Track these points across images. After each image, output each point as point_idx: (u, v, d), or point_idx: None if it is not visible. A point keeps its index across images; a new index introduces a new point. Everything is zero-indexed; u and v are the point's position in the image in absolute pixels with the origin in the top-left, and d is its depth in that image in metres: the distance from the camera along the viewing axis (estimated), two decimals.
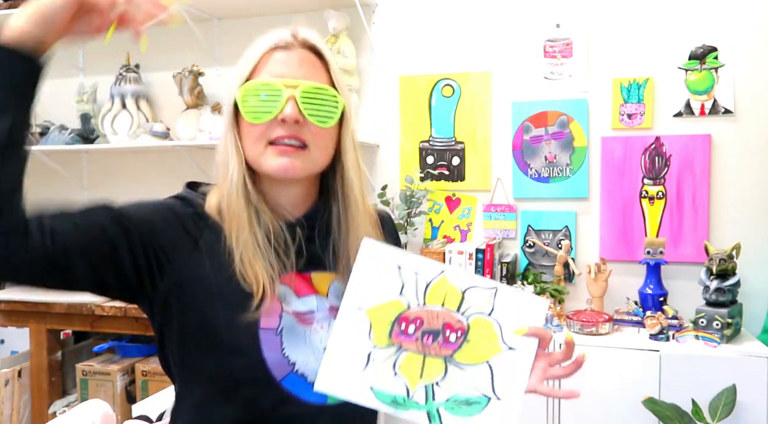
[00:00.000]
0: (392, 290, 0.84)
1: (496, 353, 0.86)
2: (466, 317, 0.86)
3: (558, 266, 2.42)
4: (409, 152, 2.68)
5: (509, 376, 0.86)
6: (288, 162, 0.90)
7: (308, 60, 0.94)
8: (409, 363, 0.84)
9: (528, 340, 0.87)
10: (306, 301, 0.93)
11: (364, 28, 2.65)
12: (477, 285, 0.86)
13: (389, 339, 0.84)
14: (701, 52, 2.35)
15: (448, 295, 0.85)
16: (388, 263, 0.85)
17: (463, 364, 0.85)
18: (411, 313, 0.84)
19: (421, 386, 0.84)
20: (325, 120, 0.92)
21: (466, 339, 0.85)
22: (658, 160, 2.40)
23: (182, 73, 2.76)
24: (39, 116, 3.07)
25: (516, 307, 0.86)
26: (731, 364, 1.97)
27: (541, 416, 2.14)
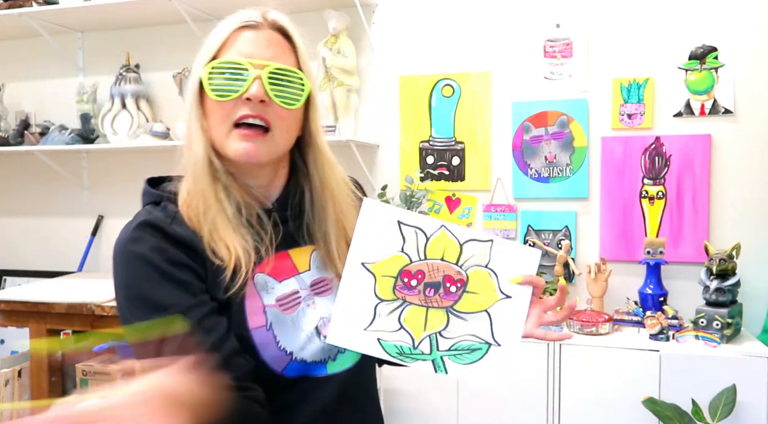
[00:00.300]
0: (394, 245, 0.88)
1: (494, 302, 0.90)
2: (465, 269, 0.89)
3: (558, 266, 2.42)
4: (409, 152, 2.68)
5: (507, 323, 0.90)
6: (250, 146, 0.89)
7: (276, 41, 0.93)
8: (413, 316, 0.88)
9: (523, 288, 0.91)
10: (287, 284, 0.94)
11: (364, 28, 2.65)
12: (474, 238, 0.90)
13: (393, 293, 0.87)
14: (701, 52, 2.35)
15: (447, 248, 0.89)
16: (389, 221, 0.88)
17: (463, 313, 0.89)
18: (413, 267, 0.88)
19: (425, 336, 0.88)
20: (291, 102, 0.92)
21: (465, 290, 0.89)
22: (658, 160, 2.40)
23: (182, 73, 2.76)
24: (39, 116, 3.07)
25: (511, 257, 0.90)
26: (731, 364, 1.97)
27: (541, 416, 2.14)
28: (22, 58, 3.17)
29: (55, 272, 3.09)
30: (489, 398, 2.18)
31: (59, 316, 2.49)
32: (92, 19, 2.87)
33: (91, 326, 2.50)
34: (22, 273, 3.18)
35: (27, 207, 3.22)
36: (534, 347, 2.15)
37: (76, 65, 3.08)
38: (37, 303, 2.49)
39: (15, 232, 3.25)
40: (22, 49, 3.17)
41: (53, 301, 2.47)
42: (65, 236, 3.14)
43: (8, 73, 3.19)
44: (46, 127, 2.96)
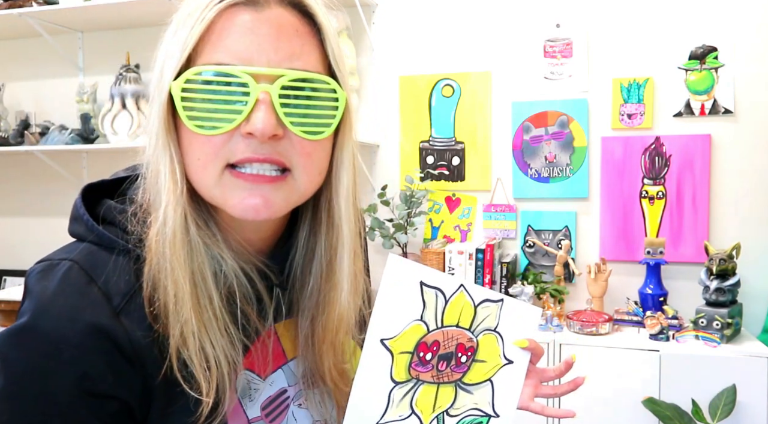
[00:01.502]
0: (414, 313, 0.76)
1: (498, 369, 0.83)
2: (477, 335, 0.81)
3: (558, 266, 2.42)
4: (409, 152, 2.68)
5: (506, 391, 0.83)
6: (260, 202, 0.59)
7: (290, 27, 0.59)
8: (424, 396, 0.79)
9: (523, 353, 0.83)
10: (273, 381, 0.70)
11: (364, 28, 2.65)
12: (488, 298, 0.81)
13: (408, 373, 0.77)
14: (701, 52, 2.35)
15: (463, 312, 0.79)
16: (412, 281, 0.75)
17: (470, 385, 0.82)
18: (429, 337, 0.77)
19: (433, 418, 0.81)
20: (319, 131, 0.61)
21: (474, 359, 0.81)
22: (658, 160, 2.40)
23: None
24: (39, 116, 3.07)
25: (516, 318, 0.83)
26: (731, 364, 1.97)
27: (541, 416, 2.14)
28: (22, 58, 3.17)
29: None
30: None
31: None
32: (92, 19, 2.87)
33: None
34: (22, 273, 3.18)
35: (27, 207, 3.22)
36: None
37: (76, 65, 3.08)
38: None
39: (15, 232, 3.25)
40: (22, 49, 3.17)
41: None
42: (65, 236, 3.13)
43: (8, 73, 3.19)
44: (46, 127, 2.96)
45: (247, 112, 0.57)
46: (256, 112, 0.57)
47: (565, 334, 2.19)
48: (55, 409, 0.53)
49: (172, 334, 0.58)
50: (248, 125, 0.57)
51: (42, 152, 2.92)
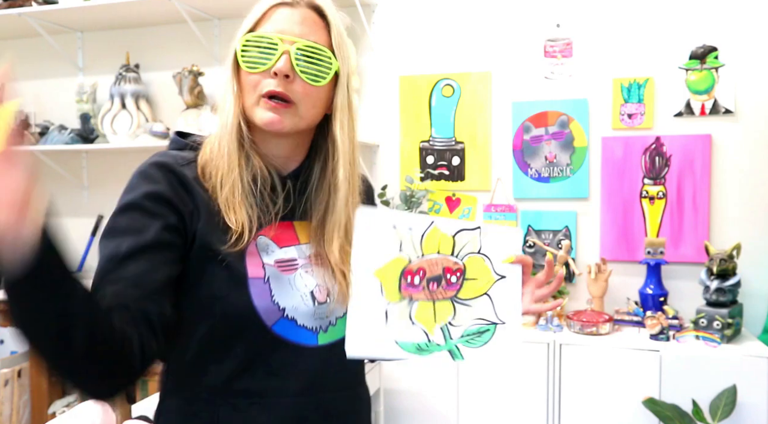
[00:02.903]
0: (392, 248, 0.91)
1: (492, 284, 0.96)
2: (461, 258, 0.95)
3: (558, 265, 2.42)
4: (409, 152, 2.68)
5: (506, 301, 0.96)
6: (275, 117, 0.93)
7: (311, 19, 0.97)
8: (422, 311, 0.92)
9: (513, 267, 0.98)
10: (287, 251, 0.97)
11: (364, 28, 2.65)
12: (463, 228, 0.95)
13: (400, 293, 0.91)
14: (701, 52, 2.35)
15: (441, 242, 0.94)
16: (384, 225, 0.92)
17: (467, 300, 0.95)
18: (413, 265, 0.92)
19: (437, 329, 0.92)
20: (317, 79, 0.94)
21: (465, 277, 0.95)
22: (659, 160, 2.40)
23: (182, 73, 2.75)
24: (39, 116, 3.07)
25: (499, 240, 0.97)
26: (731, 364, 1.97)
27: (541, 416, 2.14)
28: (22, 58, 3.17)
29: None
30: (489, 397, 2.18)
31: None
32: (92, 19, 2.87)
33: None
34: None
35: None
36: (534, 347, 2.15)
37: (76, 65, 3.08)
38: None
39: None
40: (22, 49, 3.16)
41: None
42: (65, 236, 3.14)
43: None
44: (46, 127, 2.96)
45: (275, 59, 0.92)
46: (279, 60, 0.92)
47: (565, 334, 2.19)
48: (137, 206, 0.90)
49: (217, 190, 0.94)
50: (274, 67, 0.92)
51: (42, 152, 2.92)
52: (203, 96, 2.79)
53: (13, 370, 2.60)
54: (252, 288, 0.91)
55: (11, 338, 3.11)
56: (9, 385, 2.59)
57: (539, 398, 2.14)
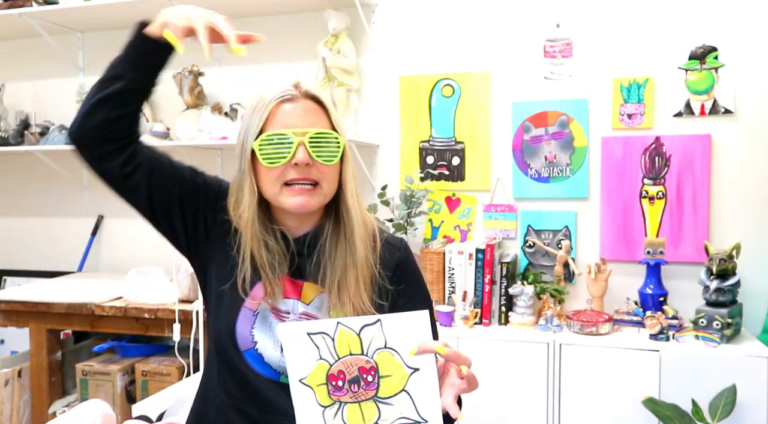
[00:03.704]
0: (313, 356, 0.94)
1: (407, 378, 0.93)
2: (371, 356, 0.94)
3: (558, 266, 2.42)
4: (409, 152, 2.68)
5: (425, 397, 0.93)
6: (304, 200, 1.06)
7: (312, 109, 1.09)
8: (351, 413, 0.94)
9: (425, 357, 0.92)
10: (287, 302, 1.12)
11: (364, 28, 2.65)
12: (365, 323, 0.94)
13: (329, 398, 0.94)
14: (701, 52, 2.35)
15: (350, 342, 0.94)
16: (301, 335, 0.94)
17: (387, 399, 0.94)
18: (334, 369, 0.94)
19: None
20: (331, 159, 1.08)
21: (379, 376, 0.94)
22: (658, 160, 2.40)
23: (182, 73, 2.76)
24: (39, 116, 3.07)
25: (402, 329, 0.93)
26: (731, 364, 1.97)
27: (541, 416, 2.14)
28: (22, 58, 3.17)
29: (55, 272, 3.09)
30: (489, 397, 2.18)
31: (59, 316, 2.49)
32: (92, 19, 2.87)
33: (90, 326, 2.50)
34: (22, 273, 3.18)
35: (27, 207, 3.22)
36: (534, 347, 2.15)
37: (76, 65, 3.08)
38: (37, 303, 2.50)
39: (15, 232, 3.25)
40: (22, 49, 3.17)
41: (53, 301, 2.48)
42: (65, 236, 3.14)
43: (8, 73, 3.19)
44: (46, 127, 2.96)
45: (293, 152, 1.05)
46: (297, 152, 1.05)
47: (565, 334, 2.19)
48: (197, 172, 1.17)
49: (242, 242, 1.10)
50: (294, 159, 1.05)
51: (42, 152, 2.92)
52: (203, 96, 2.79)
53: (13, 370, 2.60)
54: (241, 313, 1.10)
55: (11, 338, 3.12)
56: (9, 385, 2.59)
57: (539, 398, 2.14)
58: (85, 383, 2.55)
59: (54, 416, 2.48)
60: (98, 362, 2.58)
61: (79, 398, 2.56)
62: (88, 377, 2.55)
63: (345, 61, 2.56)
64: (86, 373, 2.55)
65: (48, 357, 2.57)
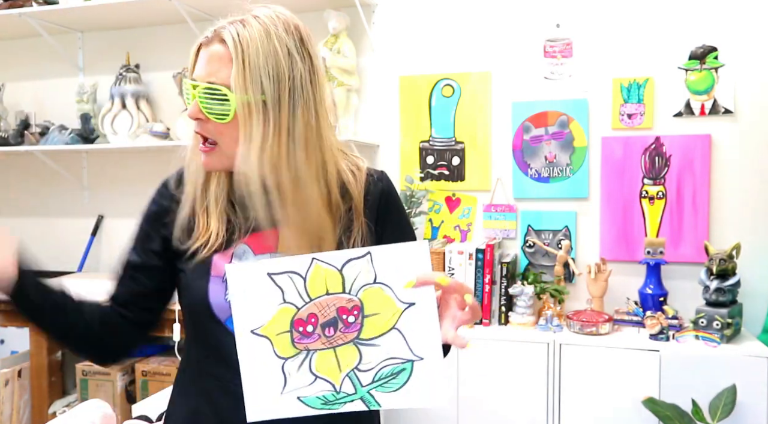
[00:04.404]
0: (273, 299, 0.83)
1: (399, 315, 0.83)
2: (356, 293, 0.83)
3: (558, 266, 2.42)
4: (409, 152, 2.68)
5: (421, 332, 0.83)
6: (205, 159, 0.99)
7: (217, 56, 0.95)
8: (322, 361, 0.84)
9: (423, 290, 0.83)
10: (260, 258, 1.01)
11: (364, 28, 2.65)
12: (350, 257, 0.83)
13: (294, 347, 0.83)
14: (701, 52, 2.35)
15: (328, 280, 0.83)
16: (258, 276, 0.83)
17: (372, 339, 0.84)
18: (302, 313, 0.83)
19: (344, 377, 0.84)
20: (221, 117, 0.95)
21: (363, 315, 0.83)
22: (658, 160, 2.40)
23: (182, 73, 2.76)
24: (39, 116, 3.07)
25: (397, 262, 0.83)
26: (731, 364, 1.97)
27: (541, 416, 2.14)
28: (22, 58, 3.17)
29: (55, 272, 3.09)
30: (489, 397, 2.18)
31: None
32: (92, 19, 2.87)
33: None
34: None
35: (27, 207, 3.22)
36: (534, 347, 2.15)
37: (76, 65, 3.08)
38: None
39: (15, 232, 3.23)
40: (22, 49, 3.17)
41: None
42: (65, 236, 3.14)
43: (8, 73, 3.19)
44: (46, 127, 2.96)
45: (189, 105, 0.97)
46: (191, 105, 0.97)
47: (565, 334, 2.19)
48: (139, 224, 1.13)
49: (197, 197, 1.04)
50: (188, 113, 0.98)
51: (42, 152, 2.92)
52: None
53: (13, 370, 2.60)
54: (211, 284, 0.99)
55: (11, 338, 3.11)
56: (9, 385, 2.59)
57: (539, 398, 2.14)
58: (85, 383, 2.55)
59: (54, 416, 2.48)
60: None
61: (79, 398, 2.56)
62: (88, 377, 2.55)
63: (345, 61, 2.57)
64: (86, 373, 2.55)
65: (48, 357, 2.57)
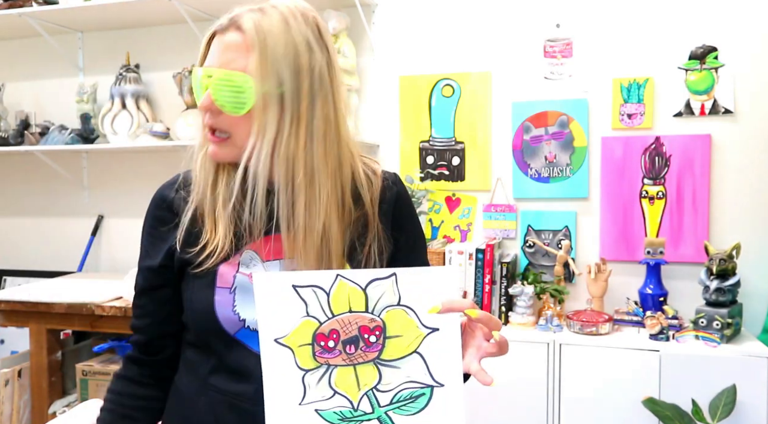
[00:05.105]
0: (298, 312, 0.82)
1: (421, 339, 0.83)
2: (378, 314, 0.83)
3: (558, 266, 2.42)
4: (409, 152, 2.68)
5: (442, 359, 0.83)
6: (216, 150, 0.95)
7: (234, 45, 0.90)
8: (342, 377, 0.83)
9: (447, 316, 0.82)
10: (268, 265, 0.96)
11: (364, 28, 2.65)
12: (375, 277, 0.82)
13: (315, 360, 0.82)
14: (701, 52, 2.35)
15: (351, 298, 0.82)
16: (283, 287, 0.82)
17: (393, 361, 0.83)
18: (325, 328, 0.82)
19: (362, 395, 0.83)
20: (237, 108, 0.90)
21: (386, 336, 0.83)
22: (658, 160, 2.40)
23: (182, 73, 2.75)
24: (39, 116, 3.07)
25: (422, 285, 0.82)
26: (731, 364, 1.97)
27: (541, 416, 2.14)
28: (22, 58, 3.17)
29: (55, 272, 3.09)
30: (489, 397, 2.18)
31: (59, 316, 2.49)
32: (92, 19, 2.87)
33: (91, 326, 2.50)
34: (22, 273, 3.18)
35: (27, 207, 3.22)
36: (534, 347, 2.15)
37: (76, 65, 3.08)
38: (37, 303, 2.49)
39: (15, 232, 3.25)
40: (22, 49, 3.17)
41: (53, 301, 2.47)
42: (65, 236, 3.14)
43: (8, 73, 3.19)
44: (46, 127, 2.96)
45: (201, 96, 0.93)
46: (204, 96, 0.92)
47: (565, 334, 2.20)
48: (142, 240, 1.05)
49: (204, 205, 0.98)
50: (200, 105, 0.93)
51: (42, 152, 2.92)
52: None
53: (13, 370, 2.60)
54: (216, 296, 0.94)
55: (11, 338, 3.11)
56: (9, 385, 2.59)
57: (539, 398, 2.14)
58: (85, 383, 2.55)
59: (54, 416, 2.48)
60: (98, 362, 2.58)
61: (79, 398, 2.56)
62: (88, 377, 2.55)
63: (345, 61, 2.56)
64: (86, 373, 2.55)
65: (48, 357, 2.56)
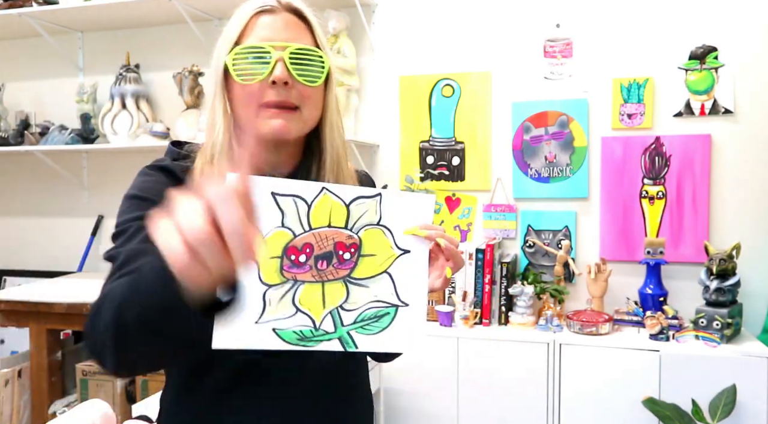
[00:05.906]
0: (271, 221, 0.76)
1: (393, 260, 0.83)
2: (356, 231, 0.81)
3: (558, 266, 2.42)
4: (409, 152, 2.68)
5: (410, 280, 0.84)
6: (283, 124, 0.92)
7: (293, 23, 0.95)
8: (308, 294, 0.79)
9: (419, 240, 0.84)
10: None
11: (364, 28, 2.65)
12: (361, 195, 0.81)
13: (281, 275, 0.77)
14: (701, 52, 2.35)
15: (333, 213, 0.79)
16: (262, 194, 0.76)
17: (362, 280, 0.82)
18: (298, 241, 0.78)
19: (326, 314, 0.80)
20: (314, 80, 0.94)
21: (360, 254, 0.81)
22: (658, 160, 2.40)
23: (182, 73, 2.76)
24: (39, 116, 3.07)
25: (403, 209, 0.83)
26: (731, 364, 1.97)
27: (541, 416, 2.14)
28: (22, 58, 3.17)
29: (55, 272, 3.09)
30: (489, 397, 2.18)
31: (59, 316, 2.49)
32: (92, 19, 2.87)
33: None
34: (22, 273, 3.18)
35: (27, 207, 3.22)
36: (534, 347, 2.15)
37: (76, 65, 3.08)
38: (37, 303, 2.49)
39: (15, 232, 3.25)
40: (22, 49, 3.17)
41: (53, 301, 2.47)
42: (65, 236, 3.14)
43: (8, 73, 3.19)
44: (46, 127, 2.96)
45: (271, 68, 0.91)
46: (276, 68, 0.91)
47: (565, 334, 2.19)
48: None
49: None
50: (272, 76, 0.91)
51: (42, 152, 2.92)
52: (203, 96, 2.79)
53: (13, 370, 2.60)
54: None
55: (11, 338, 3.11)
56: (9, 385, 2.59)
57: (539, 397, 2.14)
58: (85, 383, 2.55)
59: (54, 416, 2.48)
60: None
61: (79, 398, 2.56)
62: (88, 377, 2.55)
63: (345, 61, 2.56)
64: (86, 373, 2.55)
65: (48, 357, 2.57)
